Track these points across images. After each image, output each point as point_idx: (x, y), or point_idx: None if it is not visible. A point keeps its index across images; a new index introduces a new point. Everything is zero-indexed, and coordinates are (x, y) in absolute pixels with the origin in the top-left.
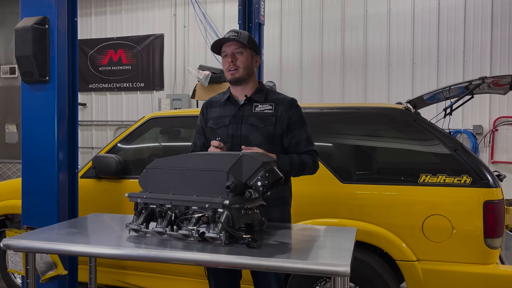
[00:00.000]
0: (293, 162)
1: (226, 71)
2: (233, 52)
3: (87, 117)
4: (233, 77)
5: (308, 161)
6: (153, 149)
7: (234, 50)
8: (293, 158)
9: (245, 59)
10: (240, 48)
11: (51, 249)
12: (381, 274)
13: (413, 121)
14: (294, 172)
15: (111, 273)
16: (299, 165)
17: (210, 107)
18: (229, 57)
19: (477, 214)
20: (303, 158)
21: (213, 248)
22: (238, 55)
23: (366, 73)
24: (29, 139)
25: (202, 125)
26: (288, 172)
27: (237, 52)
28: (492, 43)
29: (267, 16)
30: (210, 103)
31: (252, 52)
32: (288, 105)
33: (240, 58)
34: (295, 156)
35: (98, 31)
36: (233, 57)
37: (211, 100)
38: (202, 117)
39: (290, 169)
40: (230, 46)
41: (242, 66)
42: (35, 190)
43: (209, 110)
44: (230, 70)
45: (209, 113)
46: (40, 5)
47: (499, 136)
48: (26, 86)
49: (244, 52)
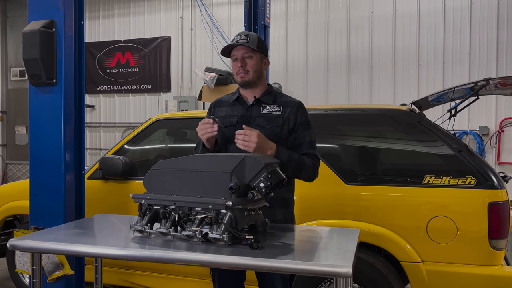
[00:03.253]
0: (292, 157)
1: (235, 74)
2: (242, 56)
3: (95, 119)
4: (242, 80)
5: (308, 163)
6: (160, 151)
7: (244, 54)
8: (293, 154)
9: (254, 63)
10: (249, 53)
11: (57, 250)
12: (385, 275)
13: (418, 123)
14: (292, 168)
15: (118, 273)
16: (297, 162)
17: (218, 106)
18: (238, 61)
19: (481, 216)
20: (303, 158)
21: (216, 249)
22: (248, 59)
23: (371, 74)
24: (37, 141)
25: None
26: (285, 166)
27: (246, 56)
28: (498, 44)
29: (273, 18)
30: (219, 103)
31: (261, 55)
32: (296, 107)
33: (249, 62)
34: (296, 154)
35: (106, 34)
36: (242, 62)
37: (219, 100)
38: (210, 115)
39: (287, 163)
40: (239, 50)
41: (251, 70)
42: (43, 191)
43: (217, 109)
44: (239, 73)
45: (217, 112)
46: (47, 9)
47: (505, 137)
48: (33, 88)
49: (253, 56)
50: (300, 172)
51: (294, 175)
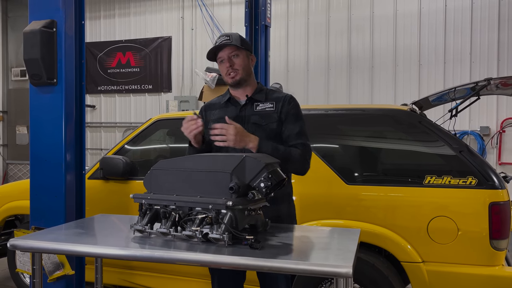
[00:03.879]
0: (276, 148)
1: (225, 75)
2: (229, 56)
3: (96, 119)
4: (233, 80)
5: (294, 154)
6: (160, 151)
7: (230, 54)
8: (279, 146)
9: (241, 61)
10: (235, 51)
11: (57, 249)
12: (386, 276)
13: (418, 123)
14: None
15: (118, 273)
16: (283, 153)
17: (210, 109)
18: (226, 62)
19: (482, 216)
20: (290, 149)
21: (217, 249)
22: (234, 58)
23: (372, 74)
24: (37, 141)
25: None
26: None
27: (232, 55)
28: (499, 44)
29: (274, 18)
30: (209, 106)
31: (246, 52)
32: (287, 101)
33: (237, 61)
34: (282, 146)
35: (107, 34)
36: (230, 61)
37: (210, 103)
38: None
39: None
40: (225, 51)
41: (240, 68)
42: (43, 191)
43: (209, 112)
44: (229, 74)
45: (209, 115)
46: (48, 9)
47: (506, 137)
48: (34, 88)
49: (239, 54)
50: (286, 163)
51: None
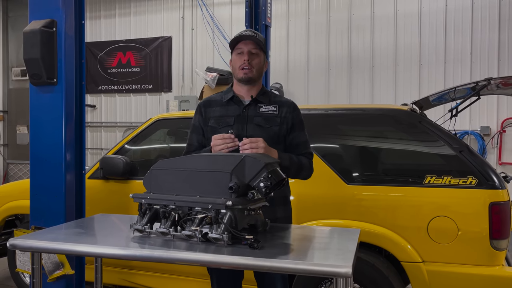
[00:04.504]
0: (292, 160)
1: (238, 68)
2: (249, 50)
3: (97, 118)
4: (245, 76)
5: (305, 163)
6: (160, 150)
7: (251, 49)
8: (293, 157)
9: (259, 62)
10: (257, 49)
11: (57, 249)
12: (386, 276)
13: (418, 123)
14: (293, 171)
15: (118, 272)
16: (297, 164)
17: (209, 106)
18: (245, 55)
19: (482, 216)
20: (301, 159)
21: (216, 248)
22: (254, 56)
23: (373, 74)
24: (37, 140)
25: (200, 125)
26: (287, 169)
27: (253, 52)
28: (499, 44)
29: (274, 18)
30: (209, 103)
31: (264, 56)
32: (292, 107)
33: (255, 59)
34: (294, 155)
35: (107, 34)
36: (249, 56)
37: (209, 99)
38: (200, 116)
39: (289, 166)
40: (248, 44)
41: (256, 67)
42: (43, 190)
43: (208, 109)
44: (243, 68)
45: (208, 112)
46: (48, 9)
47: (506, 137)
48: (34, 88)
49: (259, 53)
50: (300, 173)
51: (295, 176)
